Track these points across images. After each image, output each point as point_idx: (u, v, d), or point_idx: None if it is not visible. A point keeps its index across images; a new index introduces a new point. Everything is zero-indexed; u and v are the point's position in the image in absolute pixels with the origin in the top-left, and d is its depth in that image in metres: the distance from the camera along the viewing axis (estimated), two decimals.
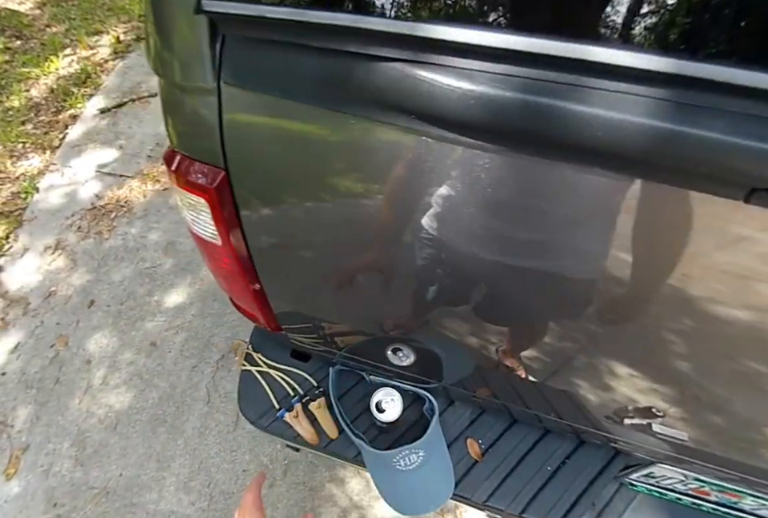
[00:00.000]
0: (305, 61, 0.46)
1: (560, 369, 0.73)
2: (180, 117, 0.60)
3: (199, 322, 1.86)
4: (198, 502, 1.50)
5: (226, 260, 0.72)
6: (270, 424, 1.06)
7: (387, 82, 0.41)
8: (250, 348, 1.17)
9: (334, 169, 0.55)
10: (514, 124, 0.39)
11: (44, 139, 2.62)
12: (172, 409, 1.67)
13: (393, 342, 0.85)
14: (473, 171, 0.47)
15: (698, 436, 0.71)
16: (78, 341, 1.87)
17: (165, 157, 0.65)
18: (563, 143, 0.39)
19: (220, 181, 0.59)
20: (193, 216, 0.67)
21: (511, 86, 0.38)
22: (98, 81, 2.93)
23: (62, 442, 1.65)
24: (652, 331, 0.56)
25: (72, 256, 2.13)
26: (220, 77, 0.51)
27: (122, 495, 1.54)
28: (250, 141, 0.57)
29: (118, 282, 2.01)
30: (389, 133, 0.48)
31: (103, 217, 2.24)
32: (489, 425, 1.04)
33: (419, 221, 0.55)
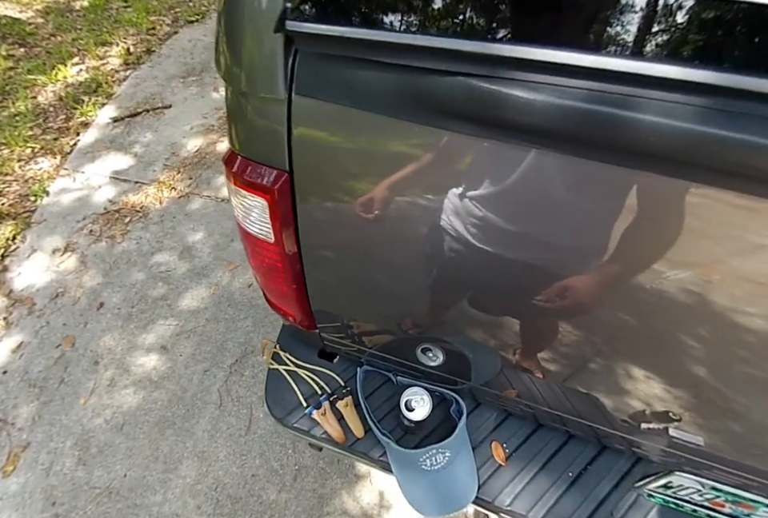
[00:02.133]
0: (377, 75, 0.54)
1: (577, 372, 0.80)
2: (246, 123, 0.68)
3: (213, 327, 1.98)
4: (203, 506, 1.58)
5: (274, 257, 0.80)
6: (297, 421, 1.12)
7: (456, 94, 0.49)
8: (278, 347, 1.27)
9: (393, 172, 0.62)
10: (573, 129, 0.46)
11: (54, 144, 2.80)
12: (182, 412, 1.77)
13: (423, 342, 0.93)
14: (528, 173, 0.54)
15: (713, 441, 0.76)
16: (85, 342, 1.98)
17: (225, 159, 0.74)
18: (618, 147, 0.46)
19: (283, 183, 0.68)
20: (245, 213, 0.76)
21: (571, 96, 0.45)
22: (110, 91, 3.16)
23: (65, 441, 1.73)
24: (670, 335, 0.62)
25: (82, 258, 2.27)
26: (292, 89, 0.59)
27: (125, 496, 1.61)
28: (317, 147, 0.64)
29: (130, 285, 2.14)
30: (451, 139, 0.56)
31: (117, 222, 2.39)
32: (514, 429, 1.09)
33: (461, 222, 0.63)
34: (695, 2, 0.40)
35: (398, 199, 0.65)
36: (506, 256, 0.65)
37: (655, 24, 0.42)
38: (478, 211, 0.60)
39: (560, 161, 0.51)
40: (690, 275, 0.54)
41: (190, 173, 2.57)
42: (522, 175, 0.54)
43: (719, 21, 0.39)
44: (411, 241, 0.71)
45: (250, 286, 2.09)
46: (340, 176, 0.67)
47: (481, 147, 0.55)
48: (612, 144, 0.46)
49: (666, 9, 0.41)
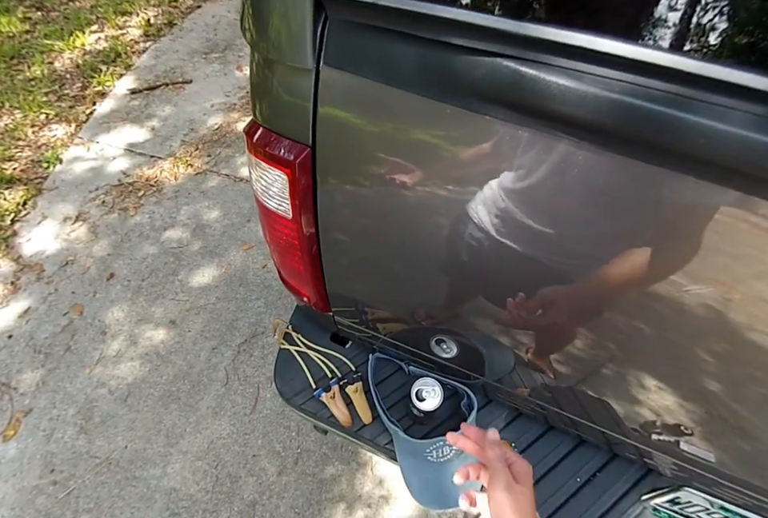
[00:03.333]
0: (411, 50, 0.51)
1: (591, 375, 0.80)
2: (271, 93, 0.65)
3: (223, 305, 2.01)
4: (202, 482, 1.61)
5: (291, 234, 0.79)
6: (305, 402, 1.14)
7: (497, 77, 0.47)
8: (290, 327, 1.27)
9: (421, 155, 0.61)
10: (616, 124, 0.45)
11: (69, 112, 2.82)
12: (187, 387, 1.80)
13: (437, 333, 0.93)
14: (559, 165, 0.52)
15: (724, 458, 0.77)
16: (93, 312, 2.00)
17: (246, 130, 0.72)
18: (662, 147, 0.44)
19: (304, 157, 0.66)
20: (264, 187, 0.74)
21: (617, 90, 0.43)
22: (129, 62, 3.17)
23: (68, 409, 1.76)
24: (687, 348, 0.62)
25: (93, 228, 2.29)
26: (320, 59, 0.56)
27: (124, 467, 1.64)
28: (342, 123, 0.62)
29: (141, 258, 2.17)
30: (485, 126, 0.53)
31: (130, 194, 2.41)
32: (524, 429, 1.09)
33: (486, 211, 0.61)
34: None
35: (423, 183, 0.63)
36: (524, 252, 0.64)
37: (724, 24, 0.41)
38: (501, 202, 0.59)
39: (593, 156, 0.50)
40: (713, 291, 0.53)
41: (209, 150, 2.59)
42: (551, 170, 0.53)
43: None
44: (434, 228, 0.70)
45: (264, 267, 2.12)
46: (364, 154, 0.65)
47: (514, 135, 0.52)
48: (655, 143, 0.45)
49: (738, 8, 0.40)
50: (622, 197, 0.53)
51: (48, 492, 1.59)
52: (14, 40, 3.23)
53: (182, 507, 1.56)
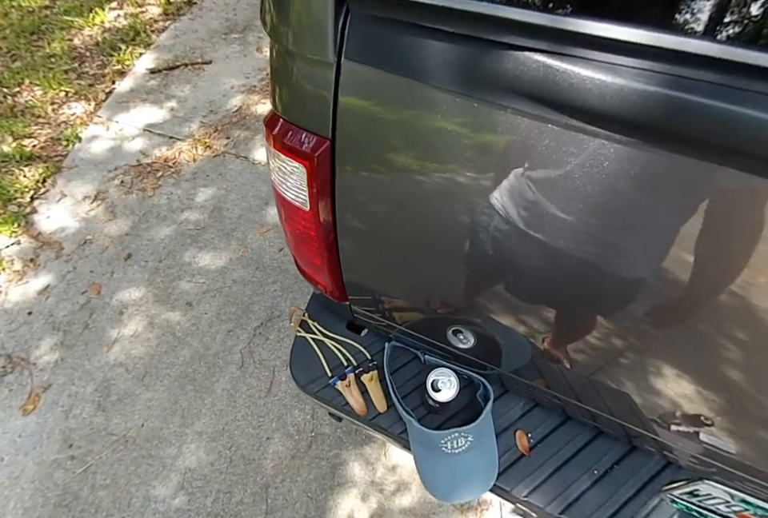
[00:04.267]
0: (436, 44, 0.50)
1: (610, 366, 0.79)
2: (291, 85, 0.65)
3: (239, 288, 2.02)
4: (216, 463, 1.63)
5: (309, 225, 0.80)
6: (321, 390, 1.14)
7: (525, 71, 0.46)
8: (306, 315, 1.26)
9: (444, 149, 0.60)
10: (651, 118, 0.44)
11: (88, 90, 2.80)
12: (203, 369, 1.81)
13: (454, 323, 0.93)
14: (587, 160, 0.51)
15: (745, 449, 0.76)
16: (111, 291, 2.02)
17: (266, 121, 0.72)
18: (703, 140, 0.43)
19: (323, 151, 0.66)
20: (282, 178, 0.74)
21: (654, 81, 0.42)
22: (148, 41, 3.14)
23: (86, 386, 1.78)
24: (707, 338, 0.62)
25: (111, 208, 2.29)
26: (341, 53, 0.56)
27: (141, 445, 1.66)
28: (363, 117, 0.62)
29: (159, 240, 2.17)
30: (511, 119, 0.52)
31: (148, 175, 2.41)
32: (540, 420, 1.09)
33: (513, 204, 0.61)
34: None
35: (443, 176, 0.63)
36: (553, 245, 0.63)
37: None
38: (531, 194, 0.58)
39: (630, 150, 0.49)
40: (739, 279, 0.53)
41: (228, 132, 2.58)
42: (586, 162, 0.52)
43: None
44: (454, 219, 0.69)
45: (281, 251, 2.12)
46: (384, 148, 0.65)
47: (543, 129, 0.51)
48: (698, 136, 0.44)
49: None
50: (655, 188, 0.52)
51: (66, 467, 1.62)
52: (34, 15, 3.21)
53: (196, 486, 1.58)
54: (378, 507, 1.55)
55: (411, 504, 1.55)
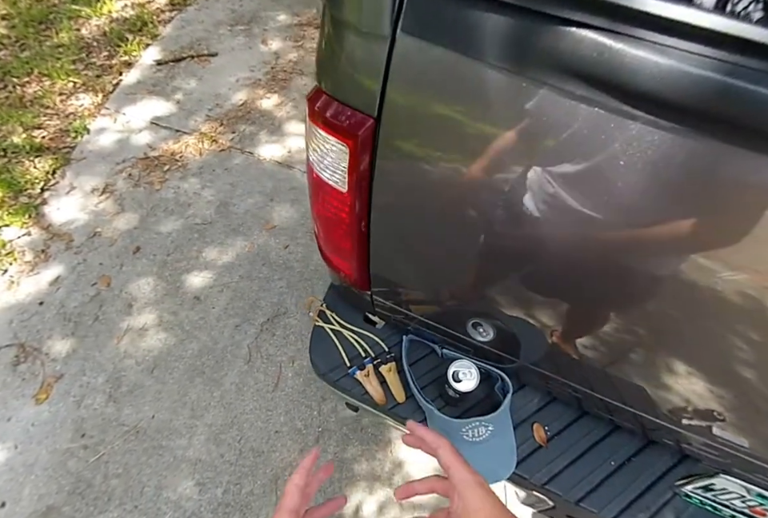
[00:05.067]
0: (493, 18, 0.48)
1: (625, 359, 0.79)
2: (339, 58, 0.62)
3: (246, 284, 2.04)
4: (226, 455, 1.68)
5: (343, 207, 0.76)
6: (340, 379, 1.15)
7: (578, 48, 0.45)
8: (324, 305, 1.27)
9: (492, 132, 0.57)
10: (705, 104, 0.42)
11: (96, 82, 2.80)
12: (211, 362, 1.85)
13: (475, 316, 0.93)
14: (630, 148, 0.50)
15: (757, 443, 0.76)
16: (120, 284, 2.05)
17: (309, 97, 0.68)
18: (755, 128, 0.42)
19: (367, 129, 0.63)
20: (320, 157, 0.71)
21: (710, 67, 0.41)
22: (155, 32, 3.13)
23: (97, 377, 1.82)
24: (719, 334, 0.62)
25: (120, 201, 2.31)
26: (397, 25, 0.53)
27: (151, 436, 1.71)
28: (412, 94, 0.58)
29: (166, 233, 2.19)
30: (561, 101, 0.50)
31: (155, 168, 2.42)
32: (557, 414, 1.10)
33: (531, 197, 0.60)
34: None
35: (484, 164, 0.60)
36: (574, 239, 0.62)
37: None
38: (550, 187, 0.57)
39: (675, 137, 0.47)
40: (752, 279, 0.53)
41: (233, 127, 2.58)
42: (628, 150, 0.50)
43: None
44: (485, 212, 0.68)
45: (287, 248, 2.14)
46: (430, 129, 0.61)
47: (586, 114, 0.49)
48: (747, 123, 0.42)
49: None
50: (693, 179, 0.51)
51: (79, 456, 1.66)
52: (42, 4, 3.19)
53: (206, 477, 1.63)
54: (386, 499, 1.60)
55: (419, 498, 1.59)
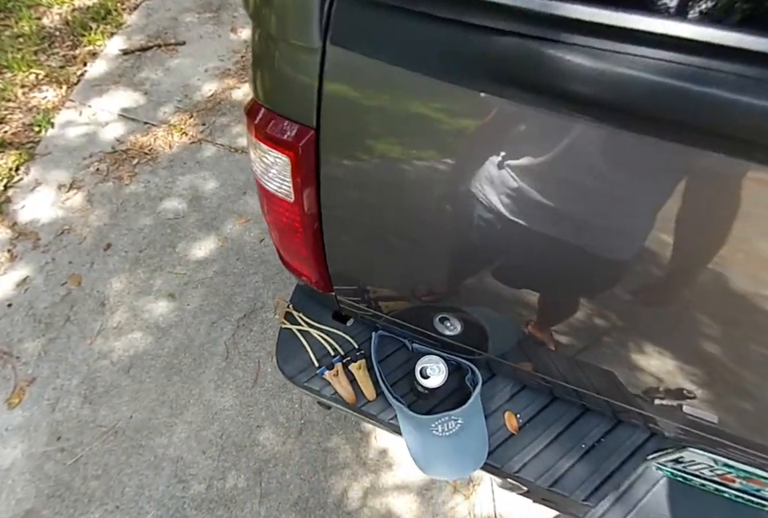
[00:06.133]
0: (423, 29, 0.49)
1: (594, 346, 0.80)
2: (273, 72, 0.62)
3: (221, 280, 2.00)
4: (208, 451, 1.66)
5: (293, 216, 0.77)
6: (309, 380, 1.14)
7: (511, 56, 0.46)
8: (291, 306, 1.25)
9: (428, 137, 0.59)
10: (631, 102, 0.44)
11: (60, 73, 2.68)
12: (188, 360, 1.81)
13: (441, 311, 0.93)
14: (570, 145, 0.51)
15: (727, 419, 0.78)
16: (91, 283, 1.99)
17: (247, 110, 0.69)
18: (682, 123, 0.44)
19: (308, 140, 0.63)
20: (265, 169, 0.72)
21: (638, 67, 0.42)
22: (119, 20, 3.01)
23: (71, 379, 1.77)
24: (686, 313, 0.63)
25: (88, 197, 2.23)
26: (327, 37, 0.54)
27: (130, 436, 1.67)
28: (348, 105, 0.60)
29: (138, 229, 2.13)
30: (496, 105, 0.51)
31: (124, 162, 2.34)
32: (528, 401, 1.11)
33: (495, 192, 0.60)
34: None
35: (428, 165, 0.62)
36: (538, 231, 0.63)
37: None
38: (513, 182, 0.57)
39: (610, 135, 0.49)
40: (718, 258, 0.54)
41: (203, 118, 2.51)
42: (567, 148, 0.51)
43: None
44: (437, 208, 0.69)
45: (262, 241, 2.10)
46: (370, 136, 0.63)
47: (526, 115, 0.51)
48: (677, 120, 0.44)
49: None
50: (634, 171, 0.52)
51: (56, 459, 1.62)
52: None
53: (189, 474, 1.61)
54: (371, 486, 1.60)
55: (404, 482, 1.60)
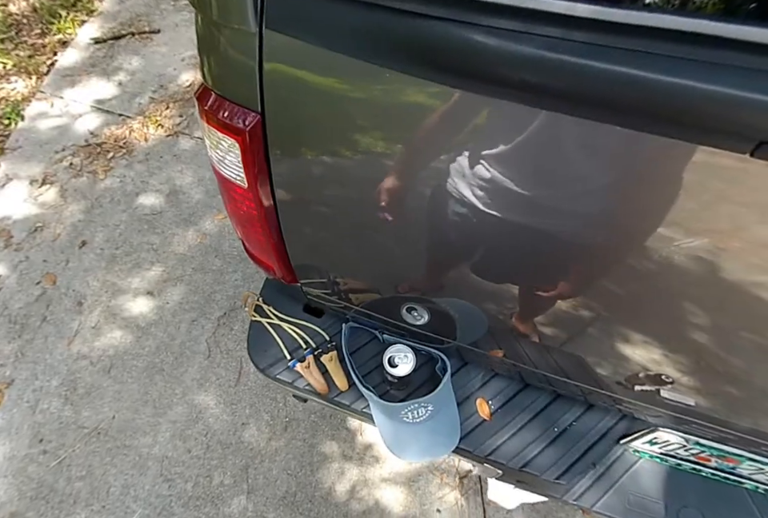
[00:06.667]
0: (350, 12, 0.50)
1: (575, 335, 0.81)
2: (217, 57, 0.64)
3: (200, 277, 1.97)
4: (194, 450, 1.65)
5: (250, 204, 0.77)
6: (281, 372, 1.15)
7: (433, 40, 0.46)
8: (261, 300, 1.24)
9: (368, 122, 0.60)
10: (560, 84, 0.44)
11: (29, 62, 2.59)
12: (170, 359, 1.80)
13: (408, 301, 0.93)
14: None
15: (705, 402, 0.80)
16: (67, 281, 1.95)
17: (197, 95, 0.69)
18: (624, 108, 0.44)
19: (254, 125, 0.63)
20: (220, 155, 0.72)
21: (557, 49, 0.42)
22: (90, 7, 2.90)
23: (50, 380, 1.74)
24: (665, 299, 0.64)
25: (62, 192, 2.18)
26: (263, 22, 0.54)
27: (114, 436, 1.66)
28: (289, 88, 0.60)
29: (113, 225, 2.09)
30: (423, 88, 0.52)
31: (99, 156, 2.28)
32: (500, 387, 1.13)
33: (442, 177, 0.61)
34: None
35: (377, 151, 0.62)
36: (515, 220, 0.63)
37: None
38: (486, 172, 0.57)
39: (565, 120, 0.48)
40: (698, 242, 0.53)
41: (180, 109, 2.44)
42: (534, 134, 0.51)
43: None
44: (391, 198, 0.68)
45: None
46: (314, 122, 0.64)
47: (481, 103, 0.52)
48: (616, 103, 0.44)
49: None
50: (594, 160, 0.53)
51: (39, 461, 1.61)
52: None
53: (174, 472, 1.61)
54: (359, 478, 1.61)
55: (391, 474, 1.62)
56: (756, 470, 0.93)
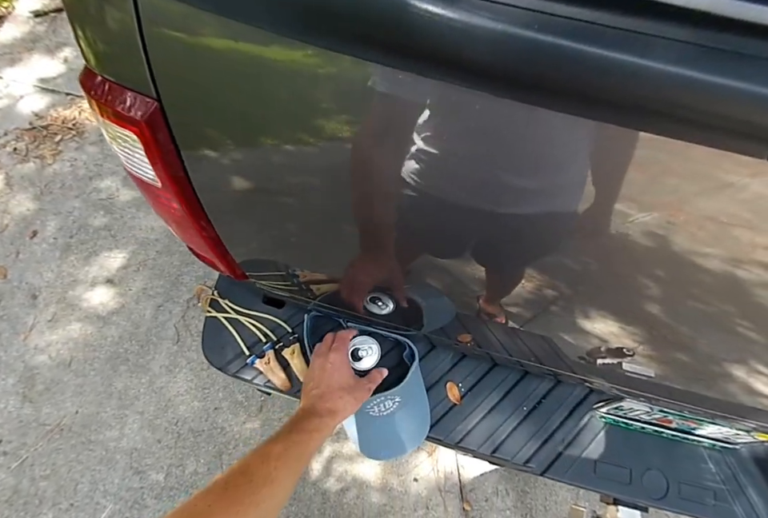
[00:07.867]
0: None
1: (539, 314, 0.78)
2: (93, 29, 0.50)
3: (165, 260, 1.86)
4: (164, 439, 1.56)
5: (171, 204, 0.67)
6: (239, 370, 1.07)
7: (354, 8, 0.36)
8: (216, 293, 1.16)
9: (280, 101, 0.49)
10: (510, 63, 0.35)
11: None
12: (135, 348, 1.69)
13: (369, 292, 0.86)
14: (443, 110, 0.45)
15: (663, 372, 0.79)
16: (19, 274, 1.81)
17: (81, 80, 0.56)
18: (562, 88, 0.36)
19: (152, 113, 0.52)
20: (126, 153, 0.59)
21: (512, 20, 0.33)
22: None
23: (6, 378, 1.63)
24: (626, 274, 0.60)
25: (7, 180, 2.02)
26: None
27: (78, 432, 1.56)
28: (182, 65, 0.48)
29: (66, 213, 1.95)
30: (351, 64, 0.42)
31: (46, 139, 2.12)
32: (469, 369, 1.10)
33: (393, 164, 0.52)
34: None
35: (284, 136, 0.53)
36: (456, 200, 0.55)
37: None
38: (428, 149, 0.49)
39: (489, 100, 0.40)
40: (652, 217, 0.48)
41: None
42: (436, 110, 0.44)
43: None
44: (320, 183, 0.60)
45: None
46: (217, 104, 0.52)
47: (394, 76, 0.42)
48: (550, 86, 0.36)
49: None
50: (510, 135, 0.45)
51: None
52: None
53: (145, 464, 1.52)
54: (334, 455, 1.56)
55: None
56: (716, 430, 0.95)
